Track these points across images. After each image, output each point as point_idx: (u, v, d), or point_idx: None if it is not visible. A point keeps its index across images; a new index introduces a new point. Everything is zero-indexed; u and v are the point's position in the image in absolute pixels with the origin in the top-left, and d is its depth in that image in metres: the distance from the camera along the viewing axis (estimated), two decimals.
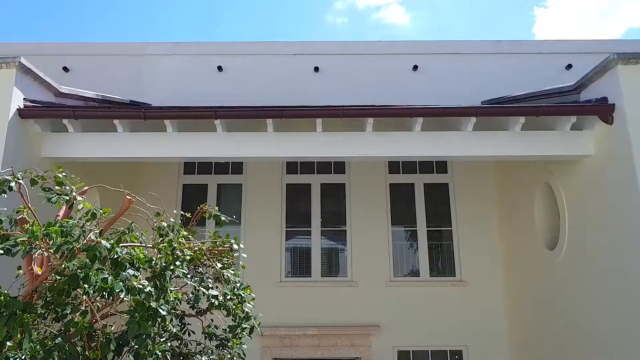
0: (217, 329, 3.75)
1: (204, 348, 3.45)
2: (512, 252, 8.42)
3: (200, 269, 3.60)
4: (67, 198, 2.57)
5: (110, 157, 6.26)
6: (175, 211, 3.62)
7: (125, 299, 2.31)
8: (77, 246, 2.29)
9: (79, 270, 2.21)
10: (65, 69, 8.71)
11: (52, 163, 6.05)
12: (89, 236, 2.43)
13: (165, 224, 2.96)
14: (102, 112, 6.37)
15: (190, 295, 3.00)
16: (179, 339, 3.86)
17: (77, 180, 2.85)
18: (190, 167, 9.39)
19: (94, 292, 2.25)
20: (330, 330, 8.40)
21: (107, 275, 2.27)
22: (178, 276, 2.77)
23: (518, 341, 8.11)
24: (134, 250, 2.74)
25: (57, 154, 6.10)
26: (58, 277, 2.33)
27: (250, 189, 9.23)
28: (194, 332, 3.87)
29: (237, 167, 9.40)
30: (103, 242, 2.37)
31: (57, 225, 2.33)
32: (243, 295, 3.21)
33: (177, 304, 3.68)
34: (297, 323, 8.48)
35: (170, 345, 3.54)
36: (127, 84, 8.55)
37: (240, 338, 3.06)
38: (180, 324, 3.79)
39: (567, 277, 6.51)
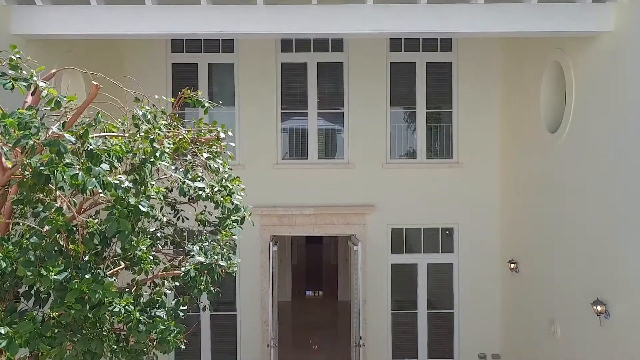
0: (210, 214, 3.71)
1: (196, 235, 3.45)
2: (511, 135, 8.28)
3: (189, 157, 3.45)
4: (25, 84, 2.29)
5: (86, 34, 5.73)
6: (156, 96, 3.35)
7: (101, 195, 2.19)
8: (38, 140, 2.09)
9: (41, 167, 2.04)
10: None
11: (24, 40, 5.58)
12: (52, 129, 2.20)
13: (141, 112, 2.71)
14: None
15: (178, 185, 2.87)
16: (173, 226, 3.88)
17: (35, 63, 2.52)
18: (178, 45, 8.77)
19: (67, 187, 2.11)
20: (327, 209, 8.63)
21: (77, 171, 2.11)
22: (156, 170, 2.61)
23: (508, 222, 8.38)
24: (113, 140, 2.54)
25: (28, 31, 5.56)
26: (26, 173, 2.17)
27: (243, 68, 8.74)
28: (187, 219, 3.87)
29: (228, 45, 8.78)
30: (67, 135, 2.15)
31: (14, 116, 2.10)
32: (231, 187, 3.09)
33: (167, 192, 3.62)
34: (294, 203, 8.68)
35: (162, 234, 3.55)
36: None
37: (230, 229, 3.02)
38: (173, 211, 3.76)
39: (565, 161, 6.45)
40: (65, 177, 2.04)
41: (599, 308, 5.54)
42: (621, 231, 5.29)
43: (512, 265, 8.04)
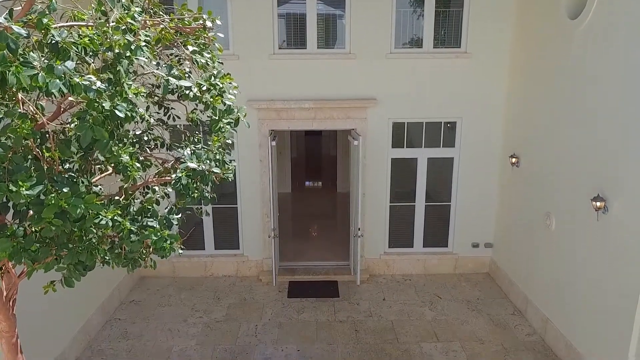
0: (202, 113, 3.45)
1: (188, 137, 3.23)
2: (526, 21, 7.63)
3: (175, 50, 3.09)
4: None
5: None
6: None
7: (70, 98, 1.91)
8: None
9: None
10: None
11: None
12: None
13: None
14: None
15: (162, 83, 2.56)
16: (164, 124, 3.64)
17: None
18: None
19: (28, 90, 1.83)
20: (326, 103, 8.31)
21: (37, 72, 1.81)
22: (140, 65, 2.29)
23: (513, 116, 8.11)
24: (82, 30, 2.19)
25: None
26: None
27: None
28: (178, 117, 3.61)
29: None
30: (15, 27, 1.80)
31: None
32: (221, 85, 2.78)
33: (153, 89, 3.32)
34: (292, 96, 8.34)
35: (151, 135, 3.32)
36: None
37: (223, 132, 2.78)
38: (162, 110, 3.49)
39: (583, 50, 5.99)
40: (21, 78, 1.76)
41: (598, 204, 5.56)
42: (631, 129, 5.08)
43: (514, 160, 7.98)
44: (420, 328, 7.27)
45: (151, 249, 2.62)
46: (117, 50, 2.08)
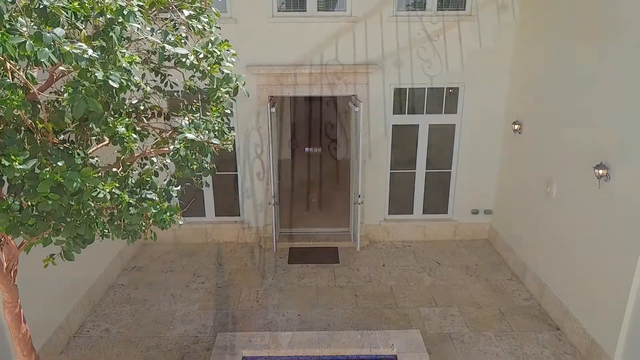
0: (200, 80, 3.35)
1: (186, 106, 3.14)
2: None
3: (170, 15, 2.96)
4: None
5: None
6: None
7: (61, 68, 1.82)
8: None
9: None
10: None
11: None
12: None
13: None
14: None
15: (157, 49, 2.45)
16: (161, 92, 3.54)
17: None
18: None
19: (17, 59, 1.74)
20: (327, 68, 8.13)
21: (24, 39, 1.71)
22: (134, 31, 2.18)
23: (518, 82, 7.95)
24: None
25: None
26: None
27: None
28: (176, 84, 3.51)
29: None
30: None
31: None
32: (219, 52, 2.67)
33: (149, 56, 3.21)
34: (292, 61, 8.15)
35: (147, 104, 3.23)
36: None
37: (222, 102, 2.69)
38: (159, 77, 3.38)
39: (591, 15, 5.81)
40: (7, 47, 1.66)
41: (600, 171, 5.52)
42: (636, 97, 4.98)
43: (516, 127, 7.88)
44: (419, 293, 7.38)
45: (151, 221, 2.59)
46: (108, 16, 1.98)
